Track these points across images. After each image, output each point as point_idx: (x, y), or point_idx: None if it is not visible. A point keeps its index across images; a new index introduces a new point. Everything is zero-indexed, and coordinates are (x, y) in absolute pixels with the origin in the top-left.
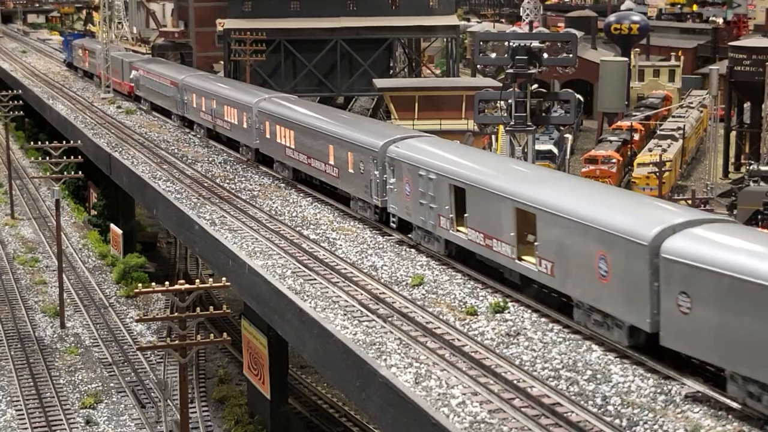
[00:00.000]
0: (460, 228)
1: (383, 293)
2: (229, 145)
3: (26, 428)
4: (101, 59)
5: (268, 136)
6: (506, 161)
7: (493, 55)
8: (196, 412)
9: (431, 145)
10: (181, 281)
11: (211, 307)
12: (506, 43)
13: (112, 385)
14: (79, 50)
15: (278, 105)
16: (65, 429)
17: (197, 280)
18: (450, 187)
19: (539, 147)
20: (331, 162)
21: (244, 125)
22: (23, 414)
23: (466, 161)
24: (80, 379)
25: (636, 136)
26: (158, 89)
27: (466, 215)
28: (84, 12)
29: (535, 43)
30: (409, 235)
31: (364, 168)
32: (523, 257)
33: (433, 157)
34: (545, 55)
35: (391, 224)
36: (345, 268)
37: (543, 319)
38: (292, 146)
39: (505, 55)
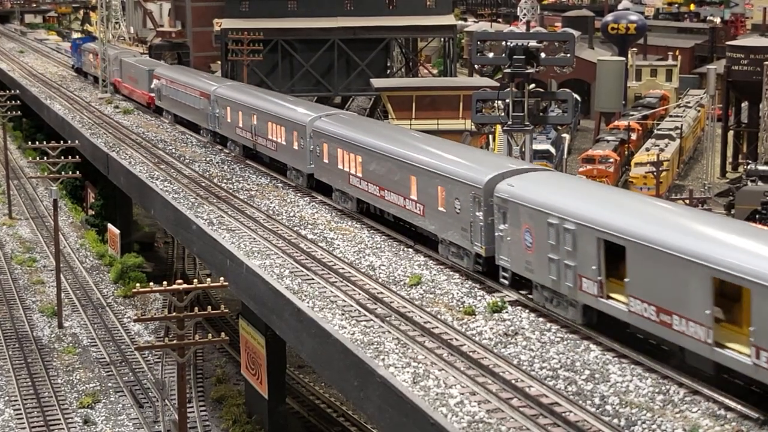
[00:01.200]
0: (614, 295)
1: (381, 293)
2: (271, 166)
3: (24, 428)
4: (113, 64)
5: (326, 160)
6: (683, 209)
7: (491, 54)
8: (193, 411)
9: (563, 184)
10: (179, 281)
11: (209, 307)
12: (504, 43)
13: (109, 384)
14: (90, 55)
15: (341, 124)
16: (63, 428)
17: (195, 280)
18: (599, 242)
19: (536, 147)
20: (414, 196)
21: (295, 146)
22: (21, 413)
23: (625, 207)
24: (78, 379)
25: (633, 136)
26: (184, 100)
27: (626, 280)
28: (81, 12)
29: (533, 43)
30: (529, 295)
31: (460, 207)
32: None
33: (569, 199)
34: (543, 55)
35: (501, 279)
36: (343, 268)
37: (541, 319)
38: (358, 174)
39: (503, 55)
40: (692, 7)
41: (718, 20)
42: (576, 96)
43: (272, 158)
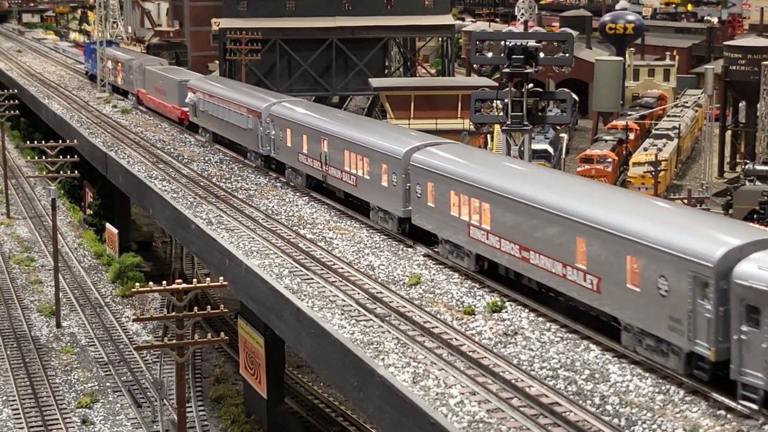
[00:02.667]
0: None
1: (380, 292)
2: (347, 203)
3: (22, 427)
4: (136, 73)
5: (431, 203)
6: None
7: (490, 54)
8: (192, 411)
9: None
10: (179, 280)
11: (209, 307)
12: (503, 43)
13: (108, 384)
14: (108, 62)
15: (453, 157)
16: (61, 428)
17: (195, 280)
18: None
19: (535, 146)
20: (586, 266)
21: (384, 182)
22: (19, 413)
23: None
24: (76, 379)
25: (631, 136)
26: (226, 118)
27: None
28: (79, 11)
29: (532, 43)
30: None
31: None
32: None
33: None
34: (542, 55)
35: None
36: (342, 268)
37: (540, 319)
38: (484, 225)
39: (502, 55)
40: (689, 7)
41: (715, 20)
42: (574, 96)
43: (349, 194)
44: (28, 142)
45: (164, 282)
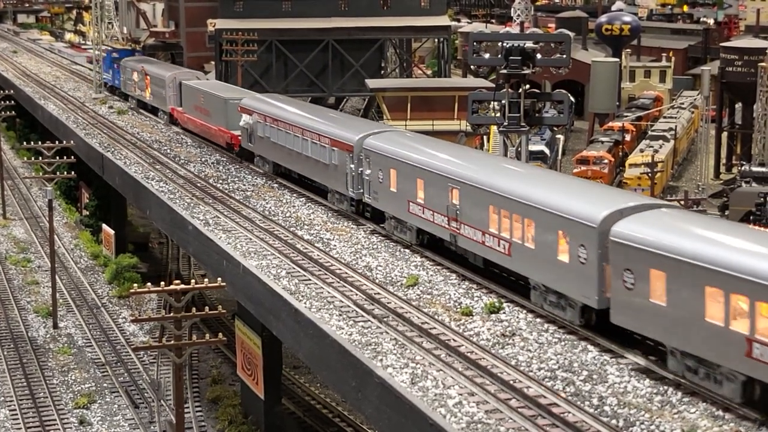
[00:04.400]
0: None
1: (378, 294)
2: (487, 273)
3: (20, 428)
4: (168, 88)
5: (654, 300)
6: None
7: (487, 55)
8: (189, 412)
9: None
10: (176, 281)
11: (206, 308)
12: (500, 44)
13: (105, 385)
14: (134, 74)
15: (691, 226)
16: (59, 429)
17: (193, 281)
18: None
19: (531, 147)
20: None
21: (564, 257)
22: (17, 414)
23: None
24: (73, 380)
25: (627, 137)
26: (298, 148)
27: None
28: (74, 12)
29: (529, 44)
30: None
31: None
32: None
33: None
34: (539, 56)
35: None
36: (340, 269)
37: (538, 320)
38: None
39: (499, 56)
40: (685, 8)
41: (711, 21)
42: (570, 97)
43: (492, 261)
44: (24, 143)
45: (162, 283)
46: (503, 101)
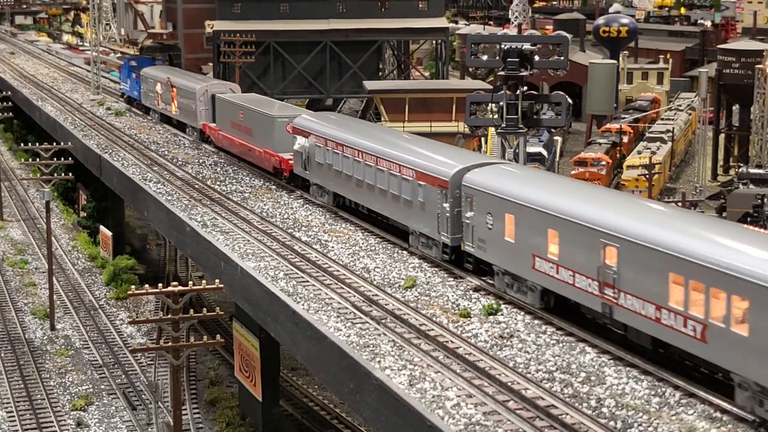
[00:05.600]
0: None
1: (376, 295)
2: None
3: (17, 430)
4: (199, 103)
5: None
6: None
7: (485, 57)
8: (187, 414)
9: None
10: (174, 283)
11: (204, 309)
12: (498, 46)
13: (102, 387)
14: (157, 85)
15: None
16: (56, 431)
17: (191, 282)
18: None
19: (529, 149)
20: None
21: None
22: (14, 416)
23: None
24: (71, 381)
25: (625, 139)
26: (370, 179)
27: None
28: (72, 14)
29: (527, 46)
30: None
31: None
32: None
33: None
34: (536, 58)
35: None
36: (337, 270)
37: (536, 321)
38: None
39: (497, 58)
40: (683, 10)
41: (708, 24)
42: (568, 99)
43: (658, 340)
44: (21, 145)
45: (160, 285)
46: (501, 103)
